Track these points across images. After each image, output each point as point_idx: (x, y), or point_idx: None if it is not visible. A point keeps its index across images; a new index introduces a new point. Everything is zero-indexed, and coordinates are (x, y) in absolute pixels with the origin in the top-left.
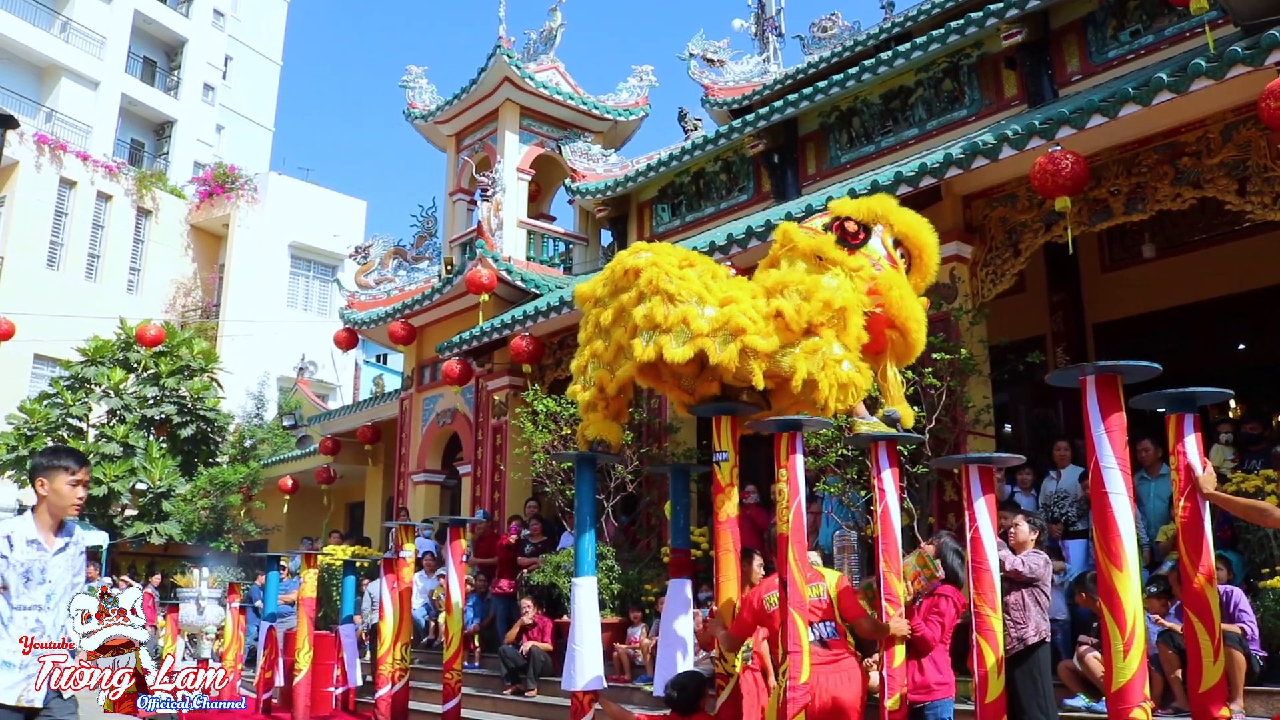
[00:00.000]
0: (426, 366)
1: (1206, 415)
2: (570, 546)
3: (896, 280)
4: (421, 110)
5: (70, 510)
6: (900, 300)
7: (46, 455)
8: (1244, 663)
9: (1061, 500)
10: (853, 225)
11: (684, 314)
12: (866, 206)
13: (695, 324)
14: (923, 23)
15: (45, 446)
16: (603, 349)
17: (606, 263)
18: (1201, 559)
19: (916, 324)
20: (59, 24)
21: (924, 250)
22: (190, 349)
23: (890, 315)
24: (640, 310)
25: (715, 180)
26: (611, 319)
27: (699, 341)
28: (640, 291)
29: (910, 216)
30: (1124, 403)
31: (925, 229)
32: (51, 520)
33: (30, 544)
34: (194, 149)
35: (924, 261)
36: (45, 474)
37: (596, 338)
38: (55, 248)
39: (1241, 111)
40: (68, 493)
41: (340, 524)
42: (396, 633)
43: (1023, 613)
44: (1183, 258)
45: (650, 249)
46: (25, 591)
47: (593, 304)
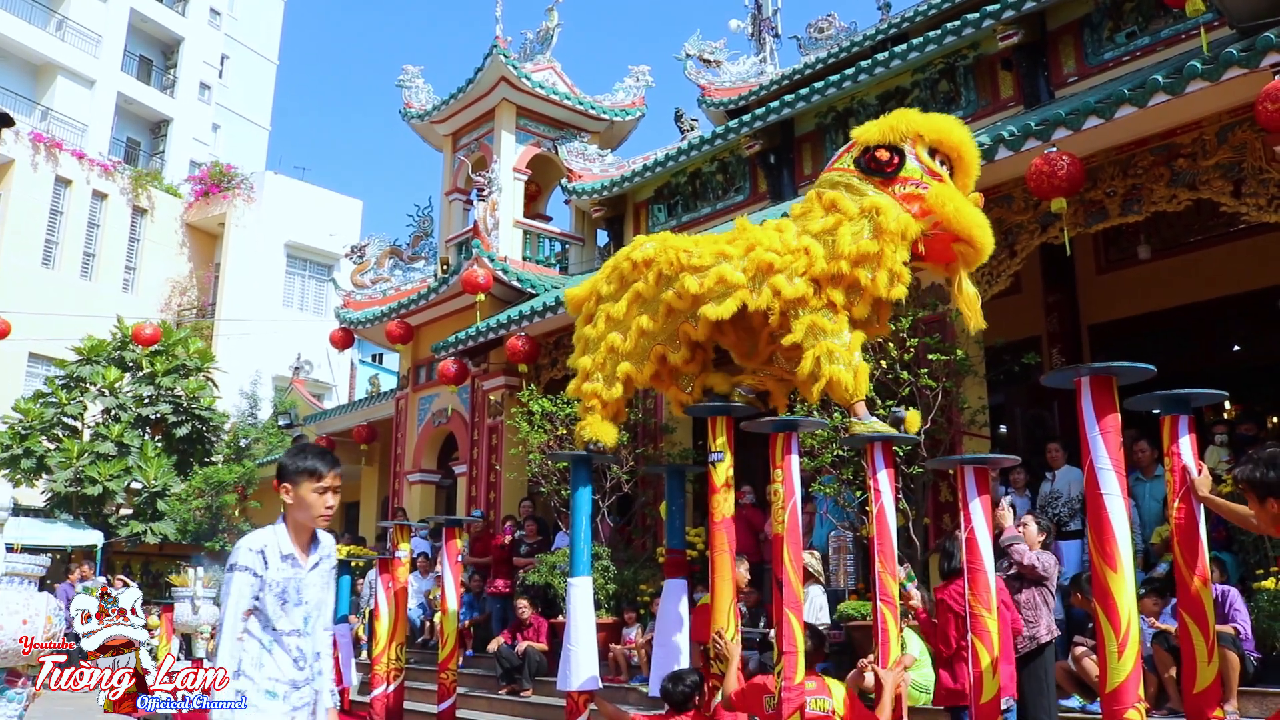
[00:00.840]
0: (422, 366)
1: (1202, 416)
2: (565, 546)
3: (946, 193)
4: (418, 110)
5: (319, 521)
6: (956, 213)
7: (290, 457)
8: (1238, 663)
9: (1055, 501)
10: (884, 153)
11: (719, 273)
12: (889, 126)
13: (732, 277)
14: (919, 24)
15: (294, 445)
16: (621, 341)
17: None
18: (1197, 560)
19: (979, 229)
20: (55, 22)
21: (960, 149)
22: (186, 348)
23: (951, 229)
24: (669, 294)
25: (712, 180)
26: (624, 310)
27: (739, 294)
28: (660, 273)
29: (939, 120)
30: (1119, 404)
31: (956, 127)
32: (301, 532)
33: (285, 559)
34: (190, 148)
35: (965, 160)
36: (289, 480)
37: (611, 330)
38: (50, 246)
39: (1237, 113)
40: (315, 501)
41: (335, 523)
42: (392, 633)
43: (1034, 611)
44: (1178, 259)
45: (652, 239)
46: (283, 614)
47: (595, 301)
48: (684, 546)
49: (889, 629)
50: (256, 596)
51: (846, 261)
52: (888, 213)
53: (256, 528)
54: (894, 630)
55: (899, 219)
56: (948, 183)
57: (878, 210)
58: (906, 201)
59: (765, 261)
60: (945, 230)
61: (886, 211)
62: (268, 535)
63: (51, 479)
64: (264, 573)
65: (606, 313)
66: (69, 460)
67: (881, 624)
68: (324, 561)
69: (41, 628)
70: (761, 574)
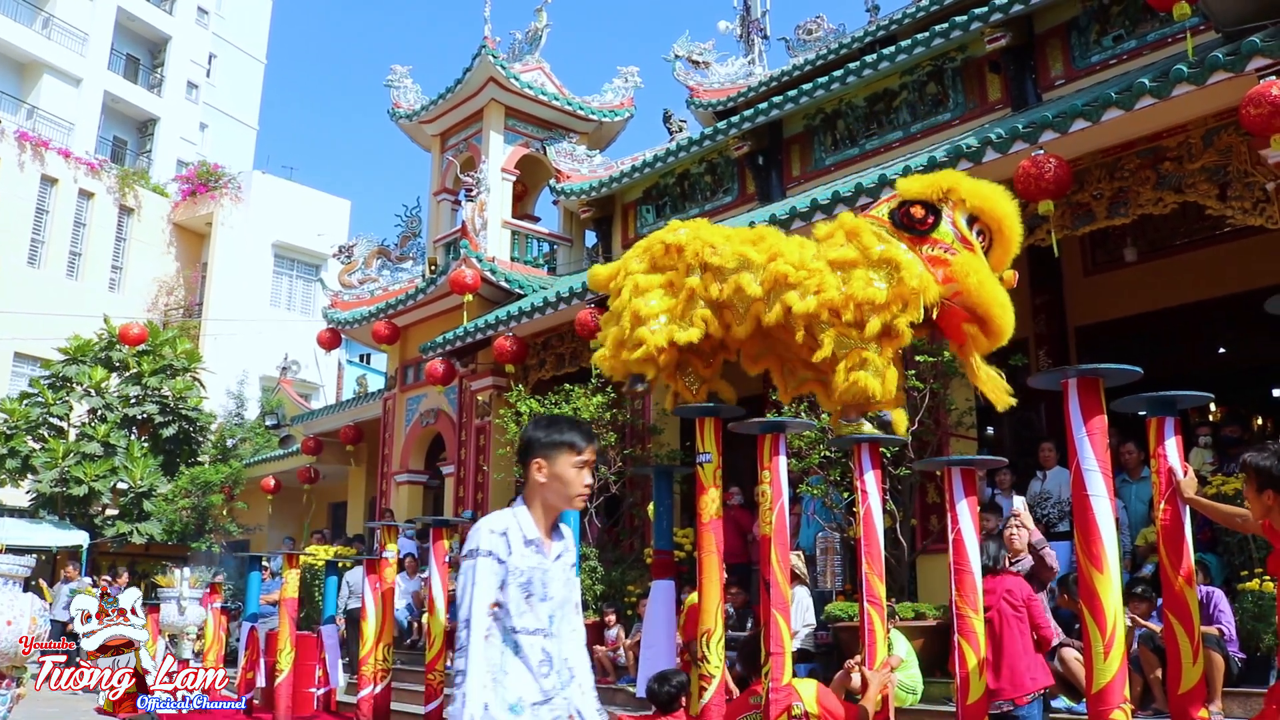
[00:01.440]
0: (410, 366)
1: (1187, 418)
2: None
3: (973, 264)
4: (406, 110)
5: (577, 502)
6: (979, 287)
7: (543, 429)
8: (1223, 664)
9: (1044, 502)
10: (919, 210)
11: (738, 282)
12: (933, 184)
13: (750, 289)
14: (907, 26)
15: (541, 416)
16: (701, 287)
17: (590, 264)
18: (1181, 561)
19: (1000, 308)
20: (41, 20)
21: (1003, 222)
22: (173, 348)
23: (969, 304)
24: (695, 280)
25: (700, 182)
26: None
27: (756, 308)
28: (688, 263)
29: (985, 188)
30: (1106, 405)
31: (1002, 198)
32: (548, 516)
33: (529, 545)
34: (177, 147)
35: (1005, 235)
36: (544, 453)
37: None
38: (36, 245)
39: (1223, 117)
40: (574, 478)
41: (322, 524)
42: (379, 633)
43: (1045, 614)
44: (1164, 262)
45: (686, 225)
46: (527, 609)
47: (623, 276)
48: (671, 547)
49: (876, 630)
50: (500, 588)
51: (853, 302)
52: (909, 270)
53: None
54: (881, 631)
55: (920, 278)
56: (978, 254)
57: (898, 265)
58: (932, 264)
59: (781, 273)
60: (964, 303)
61: (908, 269)
62: (508, 518)
63: (37, 479)
64: (507, 559)
65: (635, 283)
66: (55, 460)
67: (868, 625)
68: (566, 554)
69: (26, 628)
70: (749, 575)
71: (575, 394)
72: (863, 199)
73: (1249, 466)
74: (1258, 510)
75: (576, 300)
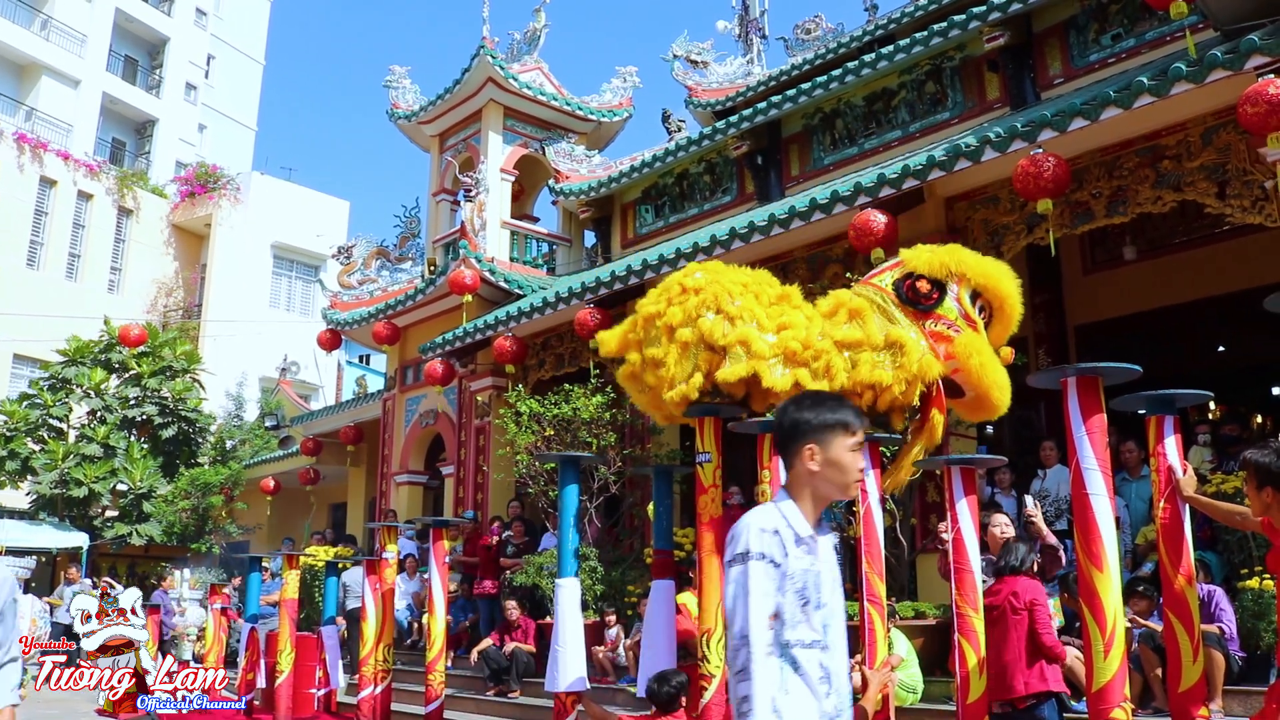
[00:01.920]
0: (409, 367)
1: (1186, 417)
2: (552, 547)
3: (976, 345)
4: (405, 110)
5: (852, 490)
6: (980, 368)
7: (811, 408)
8: (1223, 662)
9: (1043, 500)
10: (925, 285)
11: (745, 335)
12: (939, 259)
13: (757, 345)
14: (906, 25)
15: (804, 394)
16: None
17: (590, 264)
18: (1181, 560)
19: (998, 390)
20: (39, 21)
21: (1005, 301)
22: (173, 349)
23: (969, 384)
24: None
25: (699, 181)
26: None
27: (756, 364)
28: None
29: (989, 265)
30: (1105, 404)
31: (1006, 277)
32: (817, 509)
33: (801, 544)
34: (176, 148)
35: (1006, 313)
36: (816, 437)
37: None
38: (35, 247)
39: (1221, 115)
40: (850, 463)
41: (322, 525)
42: (379, 634)
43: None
44: (1163, 260)
45: (704, 268)
46: (802, 619)
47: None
48: (671, 547)
49: (876, 629)
50: (778, 595)
51: (860, 385)
52: (910, 353)
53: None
54: (881, 630)
55: (920, 361)
56: (981, 334)
57: (902, 348)
58: (935, 340)
59: (790, 349)
60: (963, 381)
61: (910, 352)
62: (774, 515)
63: (37, 481)
64: (783, 562)
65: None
66: (54, 462)
67: (868, 624)
68: (832, 551)
69: (26, 629)
70: None
71: (575, 394)
72: (861, 198)
73: (1249, 463)
74: (1257, 507)
75: (576, 300)
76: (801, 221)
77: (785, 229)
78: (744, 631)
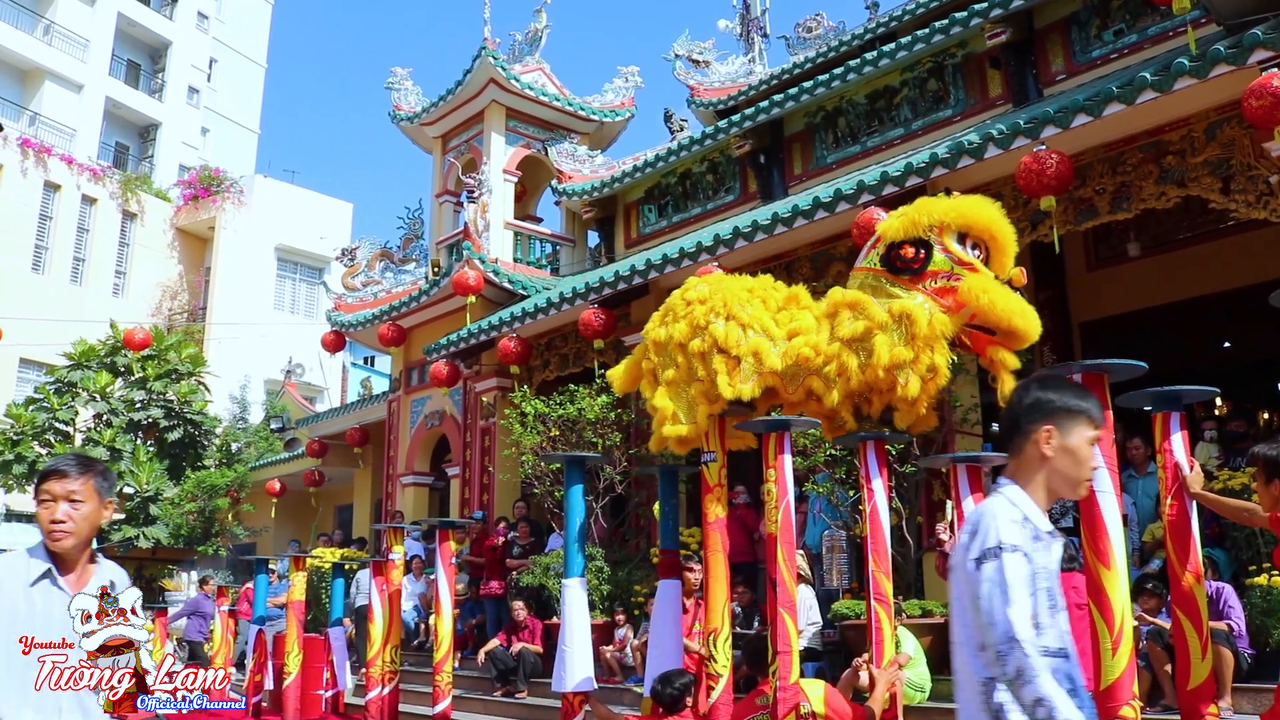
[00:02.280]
0: (414, 368)
1: (1192, 413)
2: (558, 548)
3: (980, 284)
4: (407, 112)
5: (1081, 490)
6: (991, 304)
7: (1055, 390)
8: (1232, 660)
9: None
10: (909, 249)
11: (756, 346)
12: (910, 220)
13: (769, 360)
14: (907, 23)
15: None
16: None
17: (593, 264)
18: (1189, 557)
19: (1019, 316)
20: (42, 27)
21: (991, 228)
22: (178, 352)
23: (988, 322)
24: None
25: (702, 181)
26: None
27: (768, 380)
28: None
29: (963, 204)
30: (1111, 401)
31: (984, 206)
32: (1049, 500)
33: (1038, 540)
34: (179, 152)
35: (999, 241)
36: (1057, 420)
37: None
38: (40, 251)
39: (1225, 110)
40: (1085, 456)
41: (329, 527)
42: (386, 635)
43: None
44: (1168, 256)
45: (707, 280)
46: (1050, 625)
47: (651, 350)
48: (678, 547)
49: (883, 628)
50: (1033, 594)
51: (883, 369)
52: (919, 320)
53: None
54: (888, 629)
55: (932, 322)
56: (981, 271)
57: (909, 317)
58: (939, 296)
59: (803, 356)
60: (983, 322)
61: (917, 319)
62: (1012, 504)
63: None
64: (1033, 555)
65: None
66: None
67: (876, 623)
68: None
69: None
70: (755, 574)
71: (580, 394)
72: (864, 196)
73: (1259, 458)
74: (1267, 502)
75: (580, 301)
76: (805, 220)
77: (789, 228)
78: (1010, 633)
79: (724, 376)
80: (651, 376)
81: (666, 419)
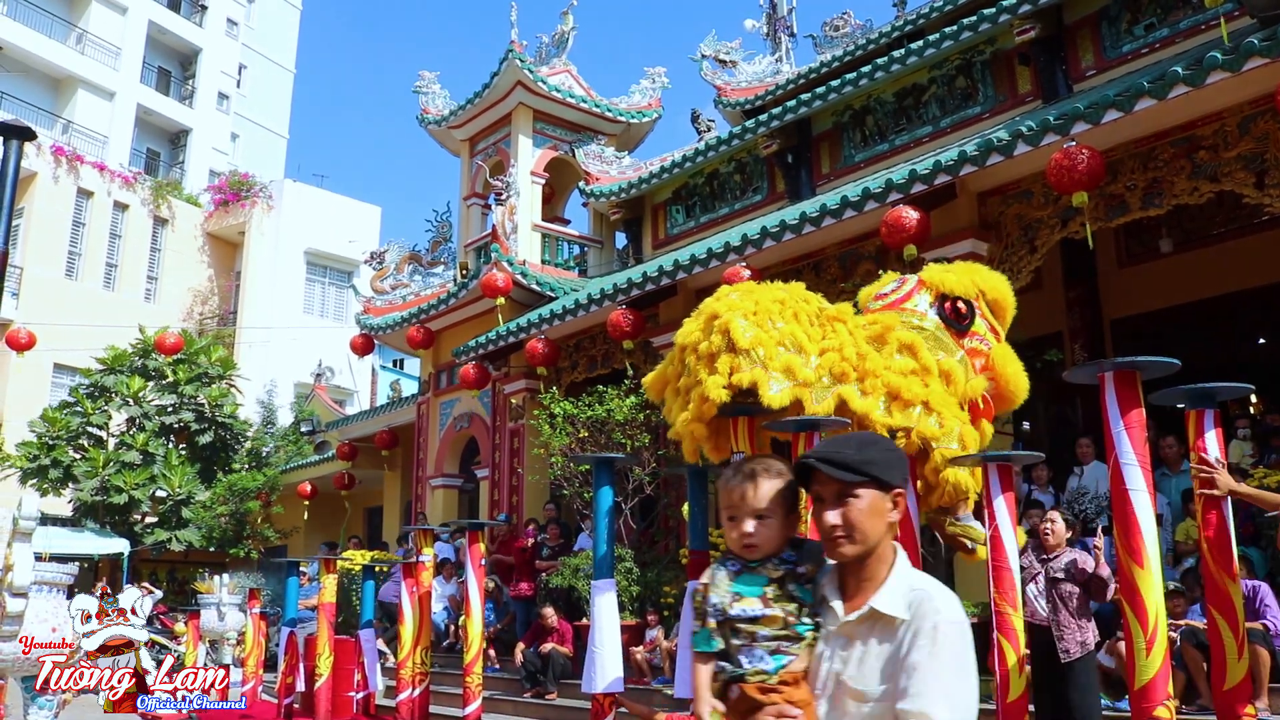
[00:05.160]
0: (443, 371)
1: (1226, 410)
2: (587, 548)
3: (1007, 355)
4: (435, 115)
5: None
6: (1015, 375)
7: None
8: (1269, 659)
9: (1082, 497)
10: (964, 306)
11: (788, 362)
12: (967, 280)
13: (801, 373)
14: (935, 20)
15: None
16: None
17: (621, 265)
18: (1224, 556)
19: (1024, 392)
20: (74, 36)
21: (1008, 310)
22: (208, 356)
23: (1004, 389)
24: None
25: (729, 181)
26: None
27: (799, 390)
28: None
29: (997, 279)
30: (1143, 399)
31: (1006, 285)
32: None
33: None
34: (209, 157)
35: (1006, 320)
36: None
37: None
38: (73, 258)
39: (1259, 104)
40: None
41: (359, 529)
42: (416, 637)
43: (1088, 618)
44: (1200, 252)
45: (738, 289)
46: None
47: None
48: (707, 547)
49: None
50: None
51: None
52: (958, 381)
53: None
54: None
55: (970, 385)
56: (1004, 343)
57: (950, 377)
58: (971, 356)
59: (839, 370)
60: (997, 390)
61: (957, 380)
62: None
63: (78, 488)
64: None
65: None
66: (95, 469)
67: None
68: None
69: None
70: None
71: (609, 395)
72: (893, 195)
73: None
74: None
75: (608, 302)
76: (833, 219)
77: (817, 227)
78: None
79: (720, 377)
80: (674, 381)
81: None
